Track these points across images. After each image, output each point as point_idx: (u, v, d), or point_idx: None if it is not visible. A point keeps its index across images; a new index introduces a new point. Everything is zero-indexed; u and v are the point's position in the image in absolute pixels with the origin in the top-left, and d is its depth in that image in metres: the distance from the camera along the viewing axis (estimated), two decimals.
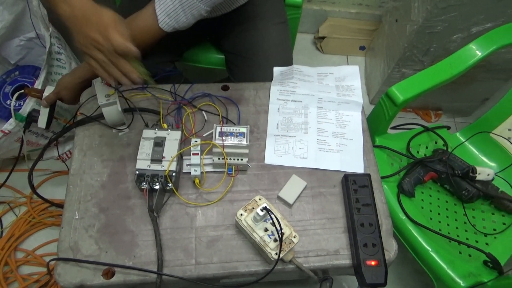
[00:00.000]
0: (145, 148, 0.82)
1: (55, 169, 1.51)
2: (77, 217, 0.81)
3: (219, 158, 0.84)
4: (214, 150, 0.82)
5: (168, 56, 1.13)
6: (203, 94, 0.97)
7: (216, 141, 0.81)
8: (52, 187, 1.48)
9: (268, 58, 1.07)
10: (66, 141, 1.47)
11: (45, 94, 0.93)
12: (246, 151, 0.83)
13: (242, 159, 0.84)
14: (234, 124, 0.90)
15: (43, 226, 1.39)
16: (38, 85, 1.17)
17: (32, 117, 0.98)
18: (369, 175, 0.85)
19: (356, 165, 0.90)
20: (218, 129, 0.83)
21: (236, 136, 0.82)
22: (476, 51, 1.07)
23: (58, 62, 1.35)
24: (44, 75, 1.19)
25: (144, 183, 0.81)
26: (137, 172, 0.80)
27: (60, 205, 1.40)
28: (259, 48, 1.09)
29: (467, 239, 1.06)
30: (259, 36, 1.10)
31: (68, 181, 0.85)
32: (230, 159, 0.84)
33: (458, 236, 1.06)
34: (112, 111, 0.85)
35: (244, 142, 0.82)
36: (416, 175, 1.09)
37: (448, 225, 1.08)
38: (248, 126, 0.83)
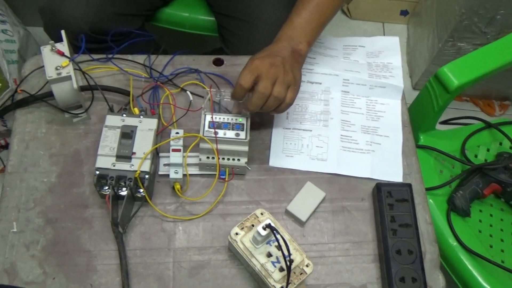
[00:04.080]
0: (109, 141, 0.82)
1: None
2: (15, 230, 0.81)
3: (208, 157, 0.84)
4: (202, 145, 0.82)
5: (134, 9, 1.13)
6: (188, 69, 0.97)
7: (205, 134, 0.81)
8: None
9: (273, 22, 1.07)
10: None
11: None
12: (246, 148, 0.83)
13: (239, 159, 0.84)
14: (230, 112, 0.90)
15: None
16: None
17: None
18: (409, 185, 0.86)
19: (392, 171, 0.90)
20: (208, 117, 0.83)
21: (232, 129, 0.82)
22: None
23: (5, 35, 1.36)
24: None
25: (107, 188, 0.81)
26: (97, 172, 0.80)
27: None
28: (261, 9, 1.10)
29: None
30: None
31: (3, 182, 0.85)
32: (223, 158, 0.84)
33: None
34: (64, 88, 0.85)
35: (243, 136, 0.82)
36: (473, 187, 1.10)
37: None
38: (249, 115, 0.84)
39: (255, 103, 0.80)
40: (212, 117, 0.83)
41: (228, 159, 0.84)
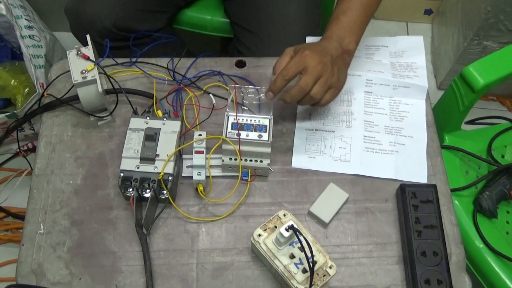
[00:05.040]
0: (133, 143, 0.83)
1: (13, 167, 1.54)
2: (42, 231, 0.82)
3: (230, 159, 0.84)
4: (225, 147, 0.83)
5: (157, 6, 1.15)
6: (211, 72, 0.98)
7: (228, 136, 0.82)
8: (8, 191, 1.51)
9: (286, 41, 1.07)
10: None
11: None
12: (268, 150, 0.83)
13: (262, 161, 0.85)
14: (253, 112, 0.90)
15: None
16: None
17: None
18: (434, 186, 0.85)
19: (416, 172, 0.89)
20: (231, 119, 0.83)
21: (255, 130, 0.82)
22: None
23: (32, 40, 1.38)
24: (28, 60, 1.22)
25: (131, 190, 0.82)
26: (122, 174, 0.81)
27: (20, 216, 1.43)
28: (275, 26, 1.10)
29: None
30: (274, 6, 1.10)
31: (31, 184, 0.86)
32: (246, 160, 0.84)
33: None
34: (90, 92, 0.87)
35: (266, 137, 0.82)
36: (500, 188, 1.08)
37: None
38: (272, 116, 0.84)
39: (293, 96, 0.81)
40: (236, 118, 0.83)
41: (251, 160, 0.85)
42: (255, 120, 0.83)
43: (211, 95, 0.95)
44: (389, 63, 1.00)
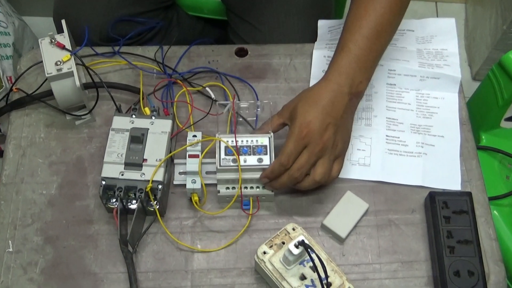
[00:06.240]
0: (116, 146, 0.83)
1: None
2: (10, 249, 0.82)
3: (228, 188, 0.84)
4: (220, 176, 0.83)
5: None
6: (208, 69, 0.97)
7: (223, 164, 0.82)
8: None
9: (285, 36, 1.08)
10: None
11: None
12: None
13: (265, 187, 0.85)
14: (251, 126, 0.91)
15: None
16: None
17: None
18: (469, 194, 0.84)
19: (448, 178, 0.89)
20: (224, 144, 0.82)
21: (254, 153, 0.82)
22: None
23: None
24: None
25: (114, 200, 0.82)
26: (104, 182, 0.81)
27: None
28: (275, 19, 1.09)
29: None
30: None
31: None
32: (246, 187, 0.84)
33: None
34: (66, 86, 0.87)
35: (267, 161, 0.82)
36: None
37: None
38: (272, 134, 0.84)
39: (284, 183, 0.80)
40: (236, 141, 0.82)
41: (252, 187, 0.84)
42: (252, 141, 0.83)
43: (208, 88, 0.95)
44: (415, 50, 1.00)
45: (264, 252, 0.76)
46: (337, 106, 0.81)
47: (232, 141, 0.83)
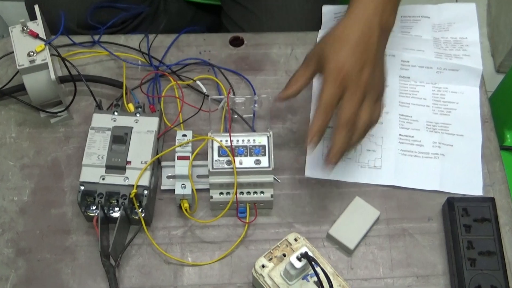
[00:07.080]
0: (97, 147, 0.83)
1: None
2: None
3: (221, 193, 0.84)
4: (212, 180, 0.82)
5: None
6: (201, 61, 0.97)
7: (216, 166, 0.81)
8: None
9: (286, 20, 1.08)
10: None
11: None
12: (270, 178, 0.83)
13: (263, 192, 0.85)
14: (246, 122, 0.91)
15: None
16: None
17: None
18: (492, 200, 0.84)
19: (468, 182, 0.89)
20: (217, 144, 0.82)
21: (251, 154, 0.82)
22: None
23: None
24: None
25: (94, 208, 0.82)
26: (82, 187, 0.81)
27: None
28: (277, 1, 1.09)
29: None
30: None
31: None
32: (242, 192, 0.84)
33: None
34: (39, 80, 0.86)
35: (266, 163, 0.82)
36: None
37: None
38: (271, 133, 0.84)
39: (339, 144, 0.76)
40: (230, 141, 0.82)
41: (248, 192, 0.84)
42: (249, 140, 0.83)
43: (199, 82, 0.95)
44: (431, 39, 1.00)
45: (263, 266, 0.76)
46: (370, 41, 0.79)
47: (227, 140, 0.83)
